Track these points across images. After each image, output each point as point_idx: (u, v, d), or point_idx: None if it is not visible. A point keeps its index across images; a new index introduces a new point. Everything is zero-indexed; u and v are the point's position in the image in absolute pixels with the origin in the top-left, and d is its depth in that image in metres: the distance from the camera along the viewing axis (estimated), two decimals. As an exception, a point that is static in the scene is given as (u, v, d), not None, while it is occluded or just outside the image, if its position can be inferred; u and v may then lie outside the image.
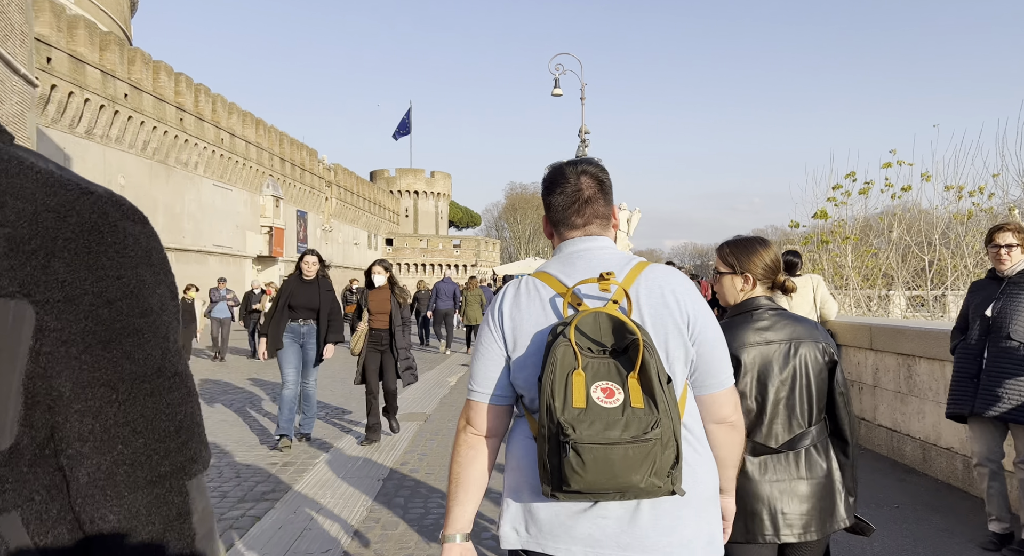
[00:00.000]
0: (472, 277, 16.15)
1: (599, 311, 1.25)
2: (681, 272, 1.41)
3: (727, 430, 1.39)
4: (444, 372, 11.11)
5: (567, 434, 1.12)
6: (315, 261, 5.79)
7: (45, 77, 19.04)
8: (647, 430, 1.12)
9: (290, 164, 37.43)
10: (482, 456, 1.38)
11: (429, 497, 4.39)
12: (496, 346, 1.36)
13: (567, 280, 1.36)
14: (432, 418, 7.15)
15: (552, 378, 1.17)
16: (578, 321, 1.22)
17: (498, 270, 23.41)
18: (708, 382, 1.35)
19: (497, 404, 1.37)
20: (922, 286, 11.70)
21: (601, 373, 1.19)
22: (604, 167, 1.48)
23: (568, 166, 1.45)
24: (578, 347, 1.19)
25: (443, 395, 8.71)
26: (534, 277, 1.43)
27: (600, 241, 1.42)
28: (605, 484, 1.12)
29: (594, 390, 1.16)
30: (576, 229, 1.43)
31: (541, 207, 1.58)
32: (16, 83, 8.78)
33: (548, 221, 1.50)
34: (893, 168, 11.21)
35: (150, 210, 24.65)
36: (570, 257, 1.41)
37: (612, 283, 1.30)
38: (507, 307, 1.37)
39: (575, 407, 1.14)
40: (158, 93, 24.79)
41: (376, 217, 55.30)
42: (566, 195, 1.42)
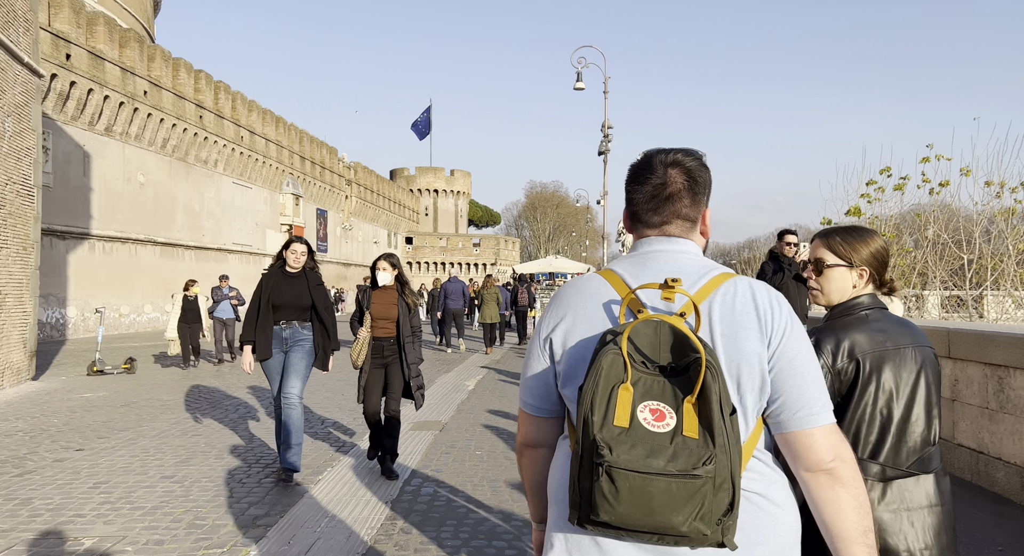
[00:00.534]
0: (489, 276, 15.80)
1: (661, 320, 1.08)
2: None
3: (827, 482, 1.11)
4: (462, 375, 10.61)
5: (602, 454, 0.97)
6: (304, 250, 4.76)
7: (64, 73, 18.98)
8: (698, 465, 0.97)
9: (310, 162, 37.33)
10: (535, 464, 1.32)
11: (443, 524, 3.87)
12: (543, 353, 1.23)
13: (632, 281, 1.19)
14: (448, 427, 6.63)
15: (594, 389, 1.02)
16: (632, 329, 1.07)
17: (518, 269, 22.94)
18: (796, 417, 1.12)
19: (540, 416, 1.27)
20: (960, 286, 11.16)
21: (653, 392, 1.03)
22: (703, 161, 1.27)
23: (657, 154, 1.26)
24: (629, 358, 1.04)
25: (460, 401, 8.19)
26: (599, 274, 1.26)
27: (681, 244, 1.24)
28: (640, 520, 0.98)
29: (641, 410, 1.02)
30: (652, 227, 1.27)
31: (561, 206, 1.08)
32: (19, 72, 8.46)
33: (627, 214, 1.33)
34: (931, 163, 10.78)
35: (170, 208, 24.63)
36: (642, 257, 1.24)
37: (678, 292, 1.12)
38: (561, 308, 1.23)
39: (616, 425, 1.00)
40: (178, 90, 24.71)
41: (396, 216, 55.19)
42: (647, 187, 1.25)
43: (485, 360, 12.82)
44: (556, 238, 75.66)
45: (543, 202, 77.34)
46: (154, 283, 22.85)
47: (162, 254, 23.97)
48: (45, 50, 18.23)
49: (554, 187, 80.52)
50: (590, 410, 1.01)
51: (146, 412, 7.19)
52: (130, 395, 8.35)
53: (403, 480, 4.74)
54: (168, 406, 7.57)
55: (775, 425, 1.14)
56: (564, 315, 1.22)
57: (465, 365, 12.01)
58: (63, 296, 19.13)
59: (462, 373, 10.86)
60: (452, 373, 10.84)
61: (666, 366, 1.05)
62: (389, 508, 4.14)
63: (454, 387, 9.30)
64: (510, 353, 14.39)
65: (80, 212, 19.89)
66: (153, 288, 22.84)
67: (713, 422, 0.99)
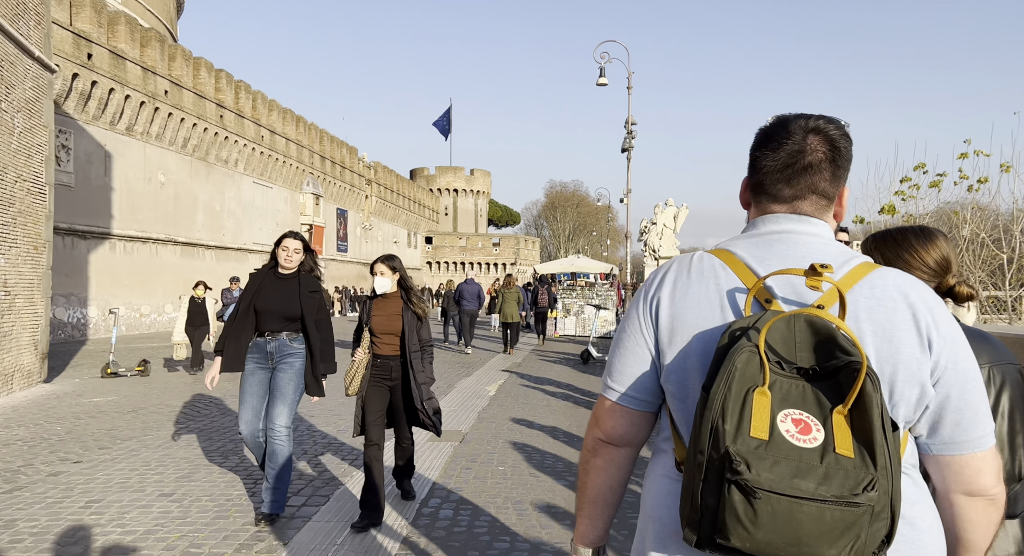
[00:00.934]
0: (509, 275, 15.51)
1: (802, 314, 0.91)
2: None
3: (984, 507, 1.01)
4: (482, 379, 10.18)
5: (737, 470, 0.83)
6: (298, 247, 3.93)
7: (86, 73, 18.99)
8: (857, 490, 0.82)
9: (330, 162, 37.29)
10: (612, 467, 1.14)
11: (466, 552, 3.43)
12: (643, 337, 1.08)
13: (758, 266, 1.03)
14: (469, 438, 6.20)
15: (726, 391, 0.87)
16: (771, 324, 0.90)
17: (539, 268, 22.49)
18: (960, 439, 0.98)
19: (635, 408, 1.11)
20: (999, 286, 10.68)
21: (793, 398, 0.88)
22: (846, 130, 1.09)
23: (796, 119, 1.09)
24: (766, 358, 0.88)
25: (482, 408, 7.77)
26: (713, 255, 1.09)
27: (814, 224, 1.08)
28: (782, 550, 0.84)
29: (782, 420, 0.87)
30: (781, 202, 1.10)
31: (581, 205, 0.66)
32: (30, 67, 8.23)
33: (748, 185, 1.16)
34: (968, 159, 10.30)
35: (190, 208, 24.66)
36: (767, 238, 1.07)
37: (825, 280, 0.94)
38: (667, 288, 1.08)
39: (753, 436, 0.85)
40: (198, 90, 24.70)
41: (416, 215, 55.10)
42: (780, 154, 1.08)
43: (506, 363, 12.39)
44: (576, 238, 75.09)
45: (563, 201, 76.83)
46: (174, 283, 22.83)
47: (183, 254, 23.97)
48: (66, 49, 18.24)
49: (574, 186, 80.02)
50: (721, 416, 0.88)
51: (153, 419, 6.87)
52: (139, 400, 8.07)
53: (420, 500, 4.32)
54: (176, 413, 7.26)
55: (933, 444, 1.01)
56: (672, 297, 1.06)
57: (485, 369, 11.59)
58: (84, 296, 19.14)
59: (482, 377, 10.44)
60: (472, 377, 10.43)
61: (807, 368, 0.91)
62: (404, 535, 3.72)
63: (474, 393, 8.88)
64: (532, 356, 13.94)
65: (101, 212, 19.91)
66: (174, 288, 22.82)
67: (873, 439, 0.85)
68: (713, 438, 0.88)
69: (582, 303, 20.04)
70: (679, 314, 1.05)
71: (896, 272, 1.03)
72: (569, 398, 8.56)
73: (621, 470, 1.14)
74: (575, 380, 10.26)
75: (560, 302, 19.96)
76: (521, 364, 12.35)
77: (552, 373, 11.07)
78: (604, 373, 1.16)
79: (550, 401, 8.32)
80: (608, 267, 22.66)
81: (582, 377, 10.66)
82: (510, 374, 10.89)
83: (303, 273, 4.01)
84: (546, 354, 14.32)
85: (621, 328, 1.14)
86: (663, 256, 33.19)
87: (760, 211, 1.13)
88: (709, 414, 0.88)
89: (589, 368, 11.82)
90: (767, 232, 1.08)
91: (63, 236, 18.36)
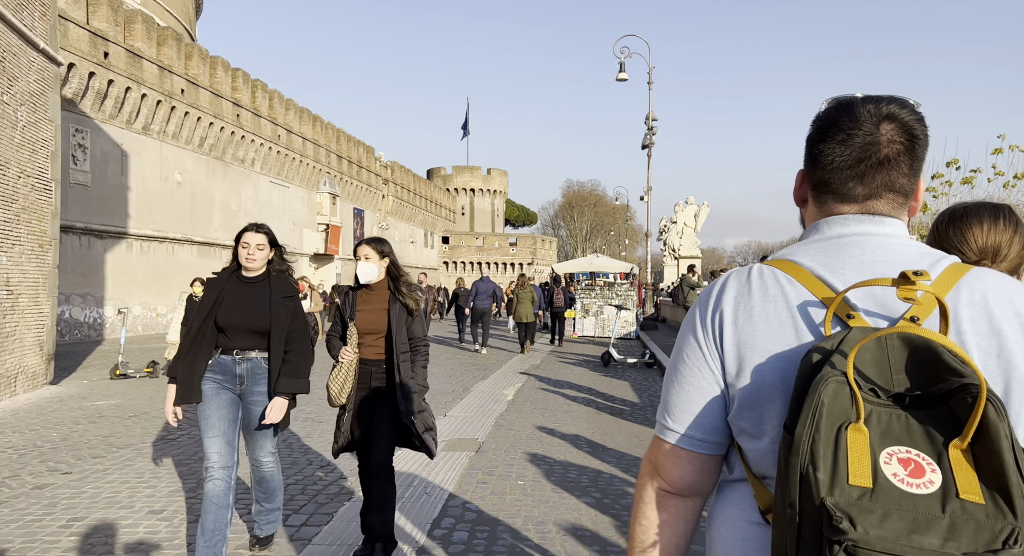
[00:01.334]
0: (523, 275, 15.24)
1: (901, 332, 0.77)
2: None
3: None
4: (499, 382, 9.77)
5: (839, 528, 0.70)
6: (262, 242, 3.16)
7: (102, 72, 18.95)
8: (996, 546, 0.68)
9: (347, 161, 37.18)
10: (679, 521, 0.97)
11: (479, 589, 3.02)
12: (708, 366, 0.93)
13: (832, 278, 0.89)
14: (486, 448, 5.78)
15: (813, 432, 0.74)
16: (861, 345, 0.77)
17: (557, 268, 22.05)
18: None
19: (701, 452, 0.94)
20: None
21: (896, 433, 0.74)
22: (921, 113, 0.93)
23: (862, 103, 0.93)
24: (857, 387, 0.75)
25: (499, 413, 7.35)
26: (774, 267, 0.94)
27: (889, 225, 0.94)
28: None
29: (886, 461, 0.73)
30: (852, 202, 0.95)
31: (599, 205, 0.46)
32: (35, 59, 7.99)
33: (806, 180, 1.00)
34: (1003, 154, 9.83)
35: (207, 207, 24.60)
36: (837, 243, 0.93)
37: (919, 288, 0.81)
38: (729, 309, 0.92)
39: (854, 485, 0.72)
40: (215, 89, 24.64)
41: (432, 215, 54.94)
42: (850, 148, 0.92)
43: (524, 365, 11.97)
44: (593, 237, 74.52)
45: (580, 201, 76.30)
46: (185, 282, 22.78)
47: (199, 253, 23.91)
48: (83, 48, 18.20)
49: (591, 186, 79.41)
50: (810, 463, 0.73)
51: (153, 425, 6.56)
52: (143, 403, 7.78)
53: (432, 520, 3.92)
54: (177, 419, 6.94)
55: None
56: (735, 319, 0.91)
57: (503, 371, 11.18)
58: (100, 296, 19.09)
59: (499, 380, 10.02)
60: (489, 380, 10.02)
61: (904, 395, 0.76)
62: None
63: (491, 397, 8.47)
64: (550, 358, 13.50)
65: (118, 211, 19.86)
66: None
67: (1007, 478, 0.70)
68: (804, 489, 0.74)
69: (601, 303, 19.54)
70: (746, 339, 0.90)
71: (992, 273, 0.89)
72: (591, 403, 8.12)
73: (689, 525, 0.99)
74: (596, 384, 9.81)
75: (579, 302, 19.50)
76: (539, 366, 11.92)
77: (572, 376, 10.63)
78: (659, 409, 1.00)
79: (571, 406, 7.88)
80: (628, 266, 22.12)
81: (603, 380, 10.21)
82: (528, 377, 10.47)
83: (273, 275, 3.24)
84: (565, 356, 13.87)
85: (676, 356, 0.98)
86: (683, 255, 32.60)
87: (824, 212, 0.98)
88: (796, 461, 0.75)
89: (610, 371, 11.36)
90: (835, 236, 0.94)
91: (79, 235, 18.33)
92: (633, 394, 8.91)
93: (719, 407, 0.94)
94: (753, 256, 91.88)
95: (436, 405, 7.84)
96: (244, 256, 3.16)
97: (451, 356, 13.58)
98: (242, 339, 3.15)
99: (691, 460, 0.95)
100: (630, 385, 9.74)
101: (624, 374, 11.00)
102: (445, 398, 8.36)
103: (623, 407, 7.91)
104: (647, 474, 1.00)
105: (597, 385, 9.68)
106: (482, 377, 10.36)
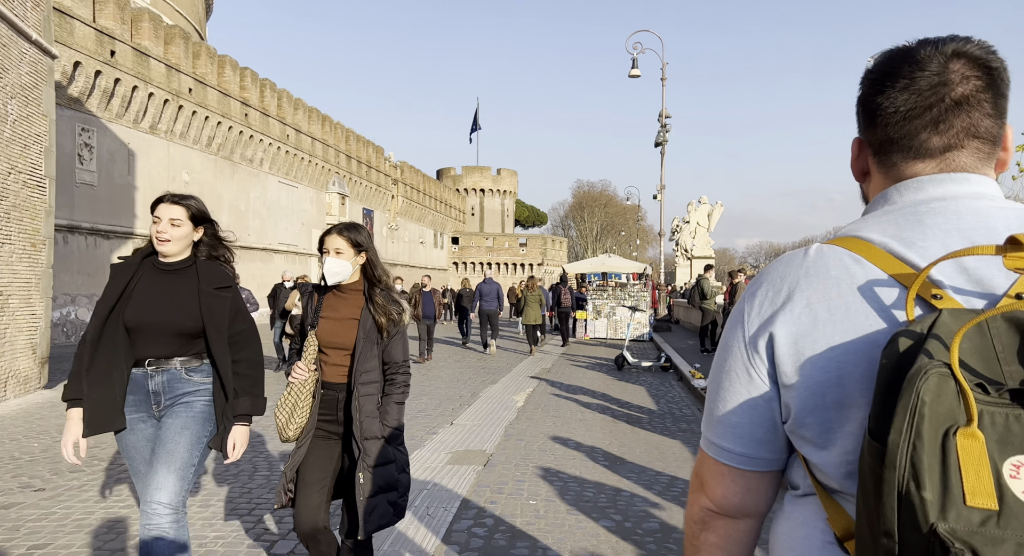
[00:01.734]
0: (531, 277, 15.03)
1: (1008, 312, 0.65)
2: None
3: None
4: (509, 387, 9.35)
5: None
6: (177, 216, 2.42)
7: (109, 70, 18.76)
8: None
9: (356, 161, 36.97)
10: (731, 544, 0.87)
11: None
12: (752, 372, 0.80)
13: (910, 253, 0.75)
14: (495, 460, 5.36)
15: (912, 438, 0.61)
16: (964, 331, 0.64)
17: (568, 268, 21.61)
18: None
19: (754, 470, 0.83)
20: None
21: (1017, 438, 0.61)
22: (992, 46, 0.80)
23: (920, 46, 0.80)
24: (964, 381, 0.62)
25: (508, 422, 6.93)
26: (837, 246, 0.80)
27: (977, 183, 0.79)
28: None
29: (1012, 474, 0.60)
30: (927, 158, 0.80)
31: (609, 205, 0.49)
32: (27, 50, 7.69)
33: (865, 146, 0.87)
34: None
35: (215, 207, 24.39)
36: (913, 212, 0.78)
37: None
38: (781, 298, 0.79)
39: (975, 506, 0.59)
40: (223, 88, 24.45)
41: (442, 216, 54.68)
42: (914, 91, 0.79)
43: (535, 369, 11.56)
44: (604, 238, 74.03)
45: (591, 201, 75.89)
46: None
47: (207, 254, 23.73)
48: (89, 46, 18.02)
49: (602, 186, 78.97)
50: (913, 479, 0.60)
51: (144, 433, 6.20)
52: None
53: (434, 546, 3.51)
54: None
55: None
56: (790, 311, 0.77)
57: (512, 375, 10.76)
58: (106, 296, 18.92)
59: (509, 385, 9.61)
60: (498, 384, 9.62)
61: (1021, 390, 0.62)
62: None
63: (501, 403, 8.06)
64: (562, 361, 13.07)
65: (124, 211, 19.67)
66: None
67: None
68: (906, 513, 0.61)
69: (613, 304, 19.06)
70: (805, 332, 0.76)
71: None
72: (606, 411, 7.68)
73: (743, 547, 0.87)
74: (611, 389, 9.37)
75: (591, 303, 19.06)
76: (551, 370, 11.49)
77: (585, 380, 10.19)
78: (704, 422, 0.88)
79: (585, 414, 7.45)
80: (641, 266, 21.63)
81: (618, 385, 9.76)
82: (539, 381, 10.05)
83: (201, 261, 2.47)
84: (577, 359, 13.44)
85: (718, 364, 0.86)
86: (696, 255, 32.02)
87: (893, 177, 0.83)
88: (892, 476, 0.61)
89: (624, 375, 10.92)
90: (910, 205, 0.79)
91: (86, 236, 18.14)
92: (650, 400, 8.46)
93: (766, 417, 0.81)
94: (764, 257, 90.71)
95: (443, 411, 7.45)
96: (159, 239, 2.38)
97: (460, 359, 13.19)
98: (157, 344, 2.36)
99: (735, 478, 0.84)
100: (646, 390, 9.29)
101: (639, 378, 10.55)
102: (452, 404, 7.97)
103: (640, 415, 7.46)
104: (694, 489, 0.90)
105: (611, 390, 9.24)
106: (491, 381, 9.95)
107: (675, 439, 6.26)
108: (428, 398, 8.40)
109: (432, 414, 7.32)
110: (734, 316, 0.85)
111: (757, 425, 0.81)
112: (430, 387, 9.35)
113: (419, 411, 7.49)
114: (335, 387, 2.53)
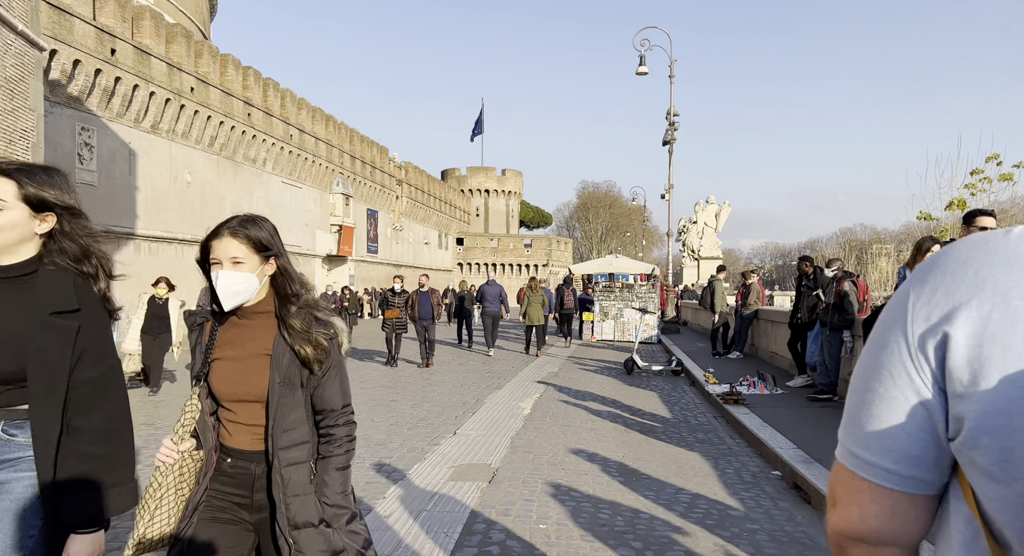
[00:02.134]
0: (533, 278, 14.94)
1: None
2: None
3: None
4: (515, 394, 8.99)
5: None
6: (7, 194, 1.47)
7: (109, 69, 18.53)
8: None
9: (360, 162, 36.72)
10: None
11: None
12: (913, 374, 0.68)
13: None
14: (500, 476, 5.00)
15: None
16: None
17: (574, 269, 21.25)
18: None
19: (904, 490, 0.70)
20: None
21: None
22: None
23: None
24: None
25: (515, 432, 6.57)
26: None
27: None
28: None
29: None
30: None
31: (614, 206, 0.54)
32: (12, 41, 7.40)
33: None
34: None
35: (217, 208, 24.16)
36: None
37: None
38: (956, 295, 0.66)
39: None
40: (225, 87, 24.22)
41: (447, 216, 54.41)
42: None
43: (541, 373, 11.19)
44: (609, 239, 73.65)
45: (595, 202, 75.56)
46: (200, 284, 21.84)
47: (208, 255, 23.50)
48: (89, 44, 17.79)
49: (607, 187, 78.62)
50: None
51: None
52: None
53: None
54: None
55: None
56: (977, 302, 0.64)
57: (518, 379, 10.40)
58: (106, 297, 18.67)
59: (515, 390, 9.25)
60: (504, 390, 9.26)
61: None
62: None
63: (506, 411, 7.70)
64: (568, 364, 12.70)
65: (125, 211, 19.43)
66: (199, 289, 22.32)
67: None
68: None
69: (621, 306, 18.67)
70: (994, 335, 0.63)
71: None
72: (618, 419, 7.31)
73: None
74: (621, 395, 9.00)
75: (597, 305, 18.69)
76: (558, 374, 11.13)
77: (594, 385, 9.82)
78: (842, 428, 0.74)
79: (595, 422, 7.09)
80: (649, 267, 21.24)
81: (629, 390, 9.39)
82: (546, 386, 9.68)
83: (48, 270, 1.53)
84: (584, 362, 13.07)
85: (868, 360, 0.72)
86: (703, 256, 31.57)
87: None
88: None
89: (634, 380, 10.54)
90: None
91: (85, 236, 17.92)
92: (663, 407, 8.09)
93: (926, 430, 0.68)
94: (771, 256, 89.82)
95: (445, 420, 7.10)
96: None
97: (463, 362, 12.84)
98: None
99: (876, 497, 0.71)
100: (658, 396, 8.92)
101: (650, 383, 10.17)
102: (456, 412, 7.62)
103: (654, 423, 7.09)
104: (829, 505, 0.77)
105: (622, 396, 8.87)
106: (496, 387, 9.60)
107: (693, 451, 5.89)
108: (430, 405, 8.05)
109: (434, 423, 6.97)
110: (894, 306, 0.71)
111: (914, 439, 0.68)
112: (432, 393, 9.00)
113: (421, 419, 7.15)
114: (246, 456, 1.71)
